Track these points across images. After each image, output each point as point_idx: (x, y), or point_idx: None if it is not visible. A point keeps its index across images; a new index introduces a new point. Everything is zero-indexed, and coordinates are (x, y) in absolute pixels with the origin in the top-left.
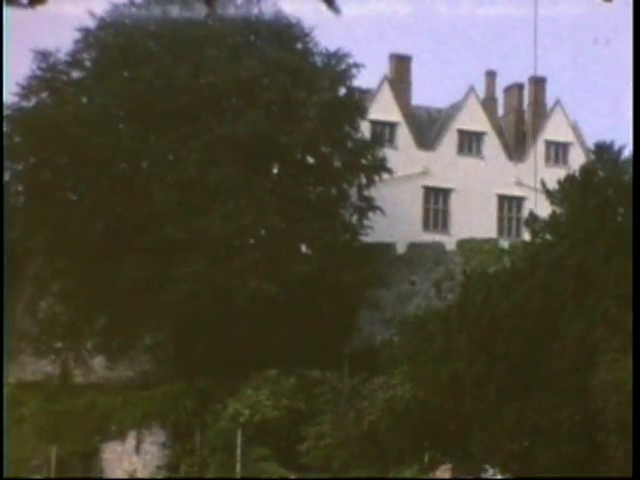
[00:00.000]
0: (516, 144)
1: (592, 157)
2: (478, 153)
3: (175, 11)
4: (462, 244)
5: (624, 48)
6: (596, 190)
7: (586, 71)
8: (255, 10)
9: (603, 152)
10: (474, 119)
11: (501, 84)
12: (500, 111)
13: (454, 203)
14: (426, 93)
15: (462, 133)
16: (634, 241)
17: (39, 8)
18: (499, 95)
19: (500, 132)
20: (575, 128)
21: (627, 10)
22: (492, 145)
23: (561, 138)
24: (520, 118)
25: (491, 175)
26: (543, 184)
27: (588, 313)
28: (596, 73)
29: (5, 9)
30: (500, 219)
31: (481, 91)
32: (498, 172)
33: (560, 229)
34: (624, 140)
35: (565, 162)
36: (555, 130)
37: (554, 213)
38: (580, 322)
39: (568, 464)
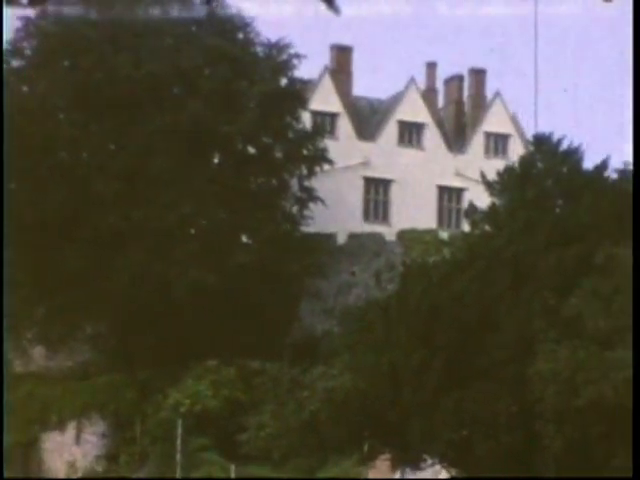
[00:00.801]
0: (456, 135)
1: (531, 149)
2: (418, 144)
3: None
4: (402, 235)
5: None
6: (535, 181)
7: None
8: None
9: (542, 144)
10: (414, 110)
11: (442, 75)
12: (441, 102)
13: (394, 194)
14: (367, 84)
15: (402, 124)
16: (634, 241)
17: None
18: (440, 87)
19: (440, 123)
20: (514, 120)
21: (627, 10)
22: (432, 136)
23: (500, 130)
24: (460, 109)
25: (431, 166)
26: (482, 175)
27: (526, 304)
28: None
29: (5, 9)
30: (440, 210)
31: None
32: (438, 163)
33: (499, 220)
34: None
35: (504, 153)
36: (494, 122)
37: (493, 204)
38: (518, 313)
39: (506, 453)
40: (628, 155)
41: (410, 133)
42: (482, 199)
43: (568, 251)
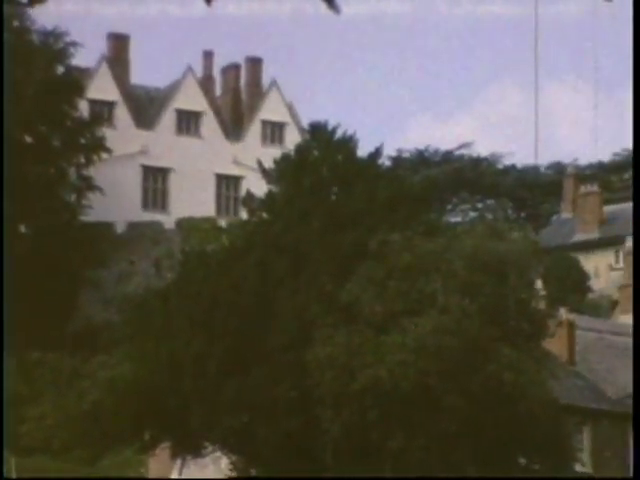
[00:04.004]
0: (233, 124)
1: (307, 137)
2: (196, 133)
3: None
4: (181, 223)
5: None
6: (311, 169)
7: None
8: None
9: (317, 132)
10: (192, 99)
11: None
12: (218, 91)
13: (173, 182)
14: (146, 73)
15: (180, 112)
16: (634, 241)
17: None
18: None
19: (218, 112)
20: (291, 108)
21: (627, 10)
22: (210, 125)
23: (277, 118)
24: (237, 98)
25: (209, 154)
26: (259, 163)
27: (304, 290)
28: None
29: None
30: (218, 198)
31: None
32: (216, 151)
33: (276, 208)
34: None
35: (281, 142)
36: (271, 110)
37: (270, 192)
38: (296, 299)
39: (286, 438)
40: (401, 143)
41: (188, 121)
42: (259, 187)
43: (343, 237)
